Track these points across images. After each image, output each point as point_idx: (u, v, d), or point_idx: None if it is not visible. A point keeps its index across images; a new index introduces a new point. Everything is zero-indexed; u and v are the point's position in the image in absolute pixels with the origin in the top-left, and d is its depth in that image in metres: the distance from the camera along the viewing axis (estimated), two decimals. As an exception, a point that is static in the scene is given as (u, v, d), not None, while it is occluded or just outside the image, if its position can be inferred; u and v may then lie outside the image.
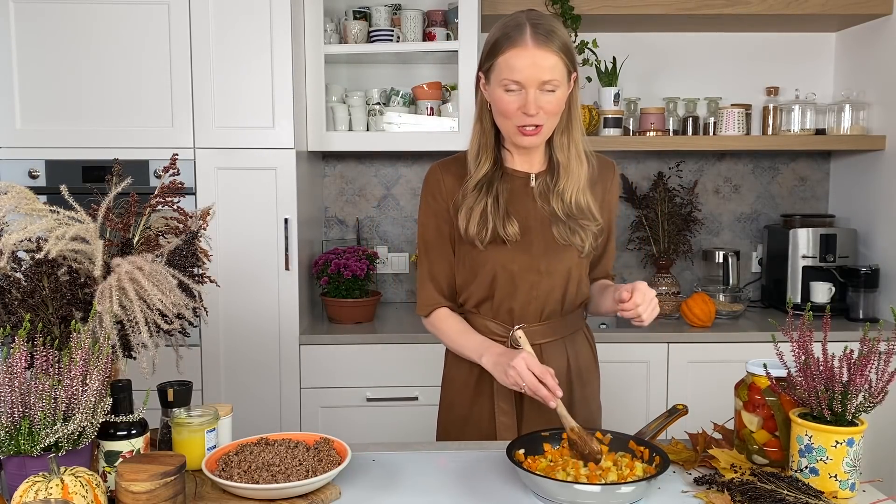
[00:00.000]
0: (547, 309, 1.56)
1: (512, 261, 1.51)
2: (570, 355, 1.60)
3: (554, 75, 1.40)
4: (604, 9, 2.72)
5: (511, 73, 1.40)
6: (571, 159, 1.51)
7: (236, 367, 2.51)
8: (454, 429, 1.63)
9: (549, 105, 1.42)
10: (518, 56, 1.39)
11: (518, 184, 1.54)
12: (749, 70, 3.05)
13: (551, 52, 1.39)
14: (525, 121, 1.43)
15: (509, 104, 1.43)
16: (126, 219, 1.30)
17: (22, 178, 2.42)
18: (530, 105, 1.40)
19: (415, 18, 2.74)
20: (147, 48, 2.41)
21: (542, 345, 1.56)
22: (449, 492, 1.24)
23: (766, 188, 3.13)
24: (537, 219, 1.53)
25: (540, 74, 1.39)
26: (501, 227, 1.49)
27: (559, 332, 1.58)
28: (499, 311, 1.56)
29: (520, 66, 1.39)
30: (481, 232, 1.49)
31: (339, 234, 3.07)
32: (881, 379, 1.20)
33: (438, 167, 1.59)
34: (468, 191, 1.51)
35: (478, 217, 1.49)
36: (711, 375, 2.47)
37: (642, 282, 1.44)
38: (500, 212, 1.49)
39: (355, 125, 2.75)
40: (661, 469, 1.20)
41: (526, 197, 1.54)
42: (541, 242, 1.52)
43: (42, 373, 1.11)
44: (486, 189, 1.50)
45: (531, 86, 1.40)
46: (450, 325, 1.59)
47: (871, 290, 2.72)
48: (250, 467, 1.21)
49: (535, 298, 1.54)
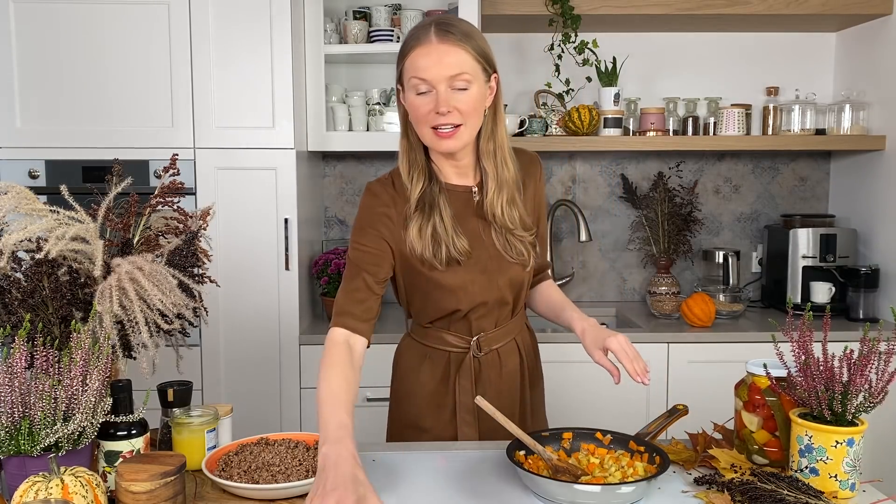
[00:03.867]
0: (501, 316, 1.56)
1: (472, 282, 1.48)
2: (522, 354, 1.61)
3: (463, 69, 1.36)
4: (604, 9, 2.72)
5: (417, 72, 1.36)
6: (499, 167, 1.46)
7: (236, 367, 2.51)
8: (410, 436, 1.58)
9: (463, 104, 1.37)
10: (422, 54, 1.36)
11: (461, 199, 1.49)
12: (749, 70, 3.05)
13: (457, 45, 1.35)
14: (438, 121, 1.37)
15: (421, 106, 1.37)
16: (126, 219, 1.30)
17: (22, 178, 2.42)
18: (441, 103, 1.35)
19: (415, 18, 2.74)
20: (147, 48, 2.41)
21: (499, 349, 1.57)
22: (449, 492, 1.24)
23: (766, 188, 3.13)
24: (487, 233, 1.49)
25: (446, 70, 1.35)
26: (452, 244, 1.43)
27: (511, 334, 1.59)
28: (455, 325, 1.54)
29: (425, 64, 1.35)
30: (437, 253, 1.43)
31: (339, 234, 3.07)
32: (881, 379, 1.20)
33: (379, 185, 1.50)
34: (411, 212, 1.45)
35: (429, 238, 1.43)
36: (711, 375, 2.47)
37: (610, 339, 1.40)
38: (448, 230, 1.44)
39: (355, 125, 2.75)
40: (661, 469, 1.20)
41: (471, 212, 1.49)
42: (494, 259, 1.49)
43: (42, 373, 1.11)
44: (430, 208, 1.45)
45: (440, 82, 1.35)
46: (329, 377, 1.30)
47: (871, 290, 2.72)
48: (250, 467, 1.21)
49: (493, 311, 1.53)
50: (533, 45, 2.96)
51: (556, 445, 1.35)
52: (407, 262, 1.48)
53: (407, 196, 1.47)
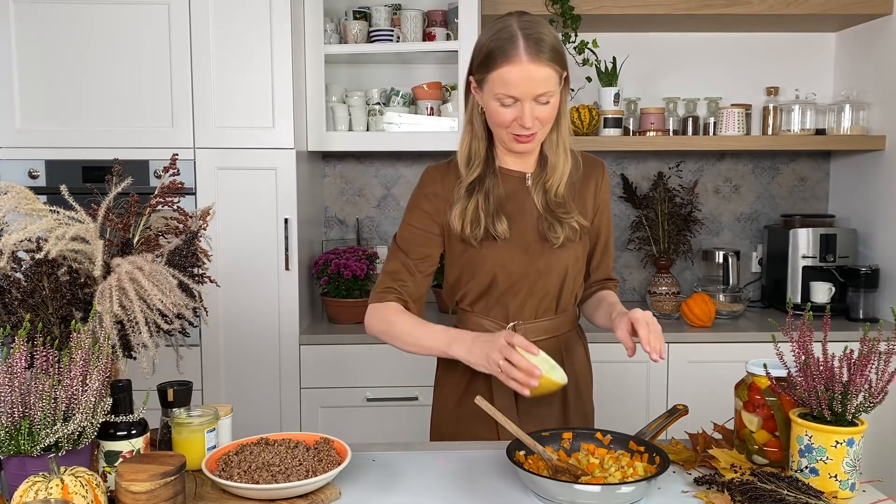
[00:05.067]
0: (542, 308, 1.56)
1: (511, 260, 1.51)
2: (564, 355, 1.60)
3: (548, 87, 1.40)
4: (604, 9, 2.72)
5: (506, 89, 1.40)
6: (559, 155, 1.52)
7: (236, 367, 2.51)
8: (448, 429, 1.61)
9: (544, 115, 1.43)
10: (512, 72, 1.38)
11: (514, 183, 1.55)
12: (749, 70, 3.05)
13: (545, 64, 1.38)
14: (520, 130, 1.44)
15: (504, 116, 1.43)
16: (126, 219, 1.30)
17: (22, 178, 2.42)
18: (526, 118, 1.41)
19: (415, 18, 2.74)
20: (147, 48, 2.41)
21: (537, 342, 1.56)
22: (449, 492, 1.24)
23: (766, 188, 3.13)
24: (534, 217, 1.53)
25: (535, 88, 1.39)
26: (492, 224, 1.49)
27: (551, 331, 1.59)
28: (494, 308, 1.56)
29: (515, 81, 1.38)
30: (475, 230, 1.49)
31: (339, 234, 3.07)
32: (881, 379, 1.20)
33: (436, 169, 1.58)
34: (460, 194, 1.51)
35: (470, 216, 1.49)
36: (711, 375, 2.47)
37: (637, 310, 1.40)
38: (490, 209, 1.49)
39: (355, 125, 2.75)
40: (661, 469, 1.20)
41: (523, 196, 1.54)
42: (538, 242, 1.52)
43: (42, 373, 1.11)
44: (478, 188, 1.51)
45: (526, 99, 1.40)
46: (406, 317, 1.50)
47: (871, 290, 2.72)
48: (250, 467, 1.21)
49: (532, 297, 1.54)
50: (533, 45, 2.95)
51: (556, 445, 1.35)
52: (450, 239, 1.55)
53: (459, 177, 1.53)
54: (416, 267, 1.55)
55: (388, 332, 1.51)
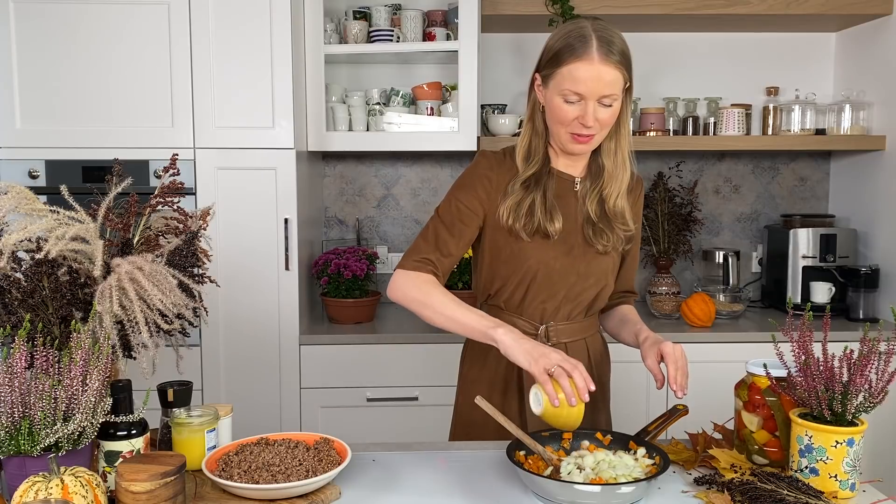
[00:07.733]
0: (575, 311, 1.57)
1: (555, 259, 1.52)
2: (591, 355, 1.62)
3: (614, 90, 1.41)
4: (604, 9, 2.72)
5: (574, 85, 1.41)
6: (618, 165, 1.54)
7: (236, 367, 2.51)
8: (475, 429, 1.59)
9: (606, 118, 1.44)
10: (582, 68, 1.40)
11: (564, 185, 1.56)
12: (749, 70, 3.05)
13: (614, 66, 1.40)
14: (580, 130, 1.45)
15: (567, 113, 1.44)
16: (126, 219, 1.30)
17: (22, 178, 2.42)
18: (588, 117, 1.42)
19: (415, 18, 2.74)
20: (147, 48, 2.41)
21: (567, 345, 1.57)
22: (449, 492, 1.24)
23: (766, 188, 3.13)
24: (579, 222, 1.54)
25: (602, 89, 1.40)
26: (548, 220, 1.49)
27: (579, 334, 1.60)
28: (529, 308, 1.56)
29: (583, 78, 1.40)
30: (527, 225, 1.50)
31: (339, 234, 3.07)
32: (881, 379, 1.20)
33: (493, 155, 1.57)
34: (515, 188, 1.51)
35: (525, 210, 1.49)
36: (711, 375, 2.46)
37: (668, 344, 1.41)
38: (546, 207, 1.50)
39: (355, 125, 2.75)
40: (661, 469, 1.20)
41: (570, 199, 1.55)
42: (581, 245, 1.54)
43: (42, 373, 1.11)
44: (535, 186, 1.51)
45: (591, 98, 1.41)
46: (443, 291, 1.46)
47: (871, 290, 2.72)
48: (250, 467, 1.21)
49: (568, 300, 1.55)
50: (533, 45, 2.95)
51: (556, 445, 1.35)
52: (495, 229, 1.54)
53: (514, 170, 1.53)
54: (449, 250, 1.52)
55: (423, 302, 1.46)
